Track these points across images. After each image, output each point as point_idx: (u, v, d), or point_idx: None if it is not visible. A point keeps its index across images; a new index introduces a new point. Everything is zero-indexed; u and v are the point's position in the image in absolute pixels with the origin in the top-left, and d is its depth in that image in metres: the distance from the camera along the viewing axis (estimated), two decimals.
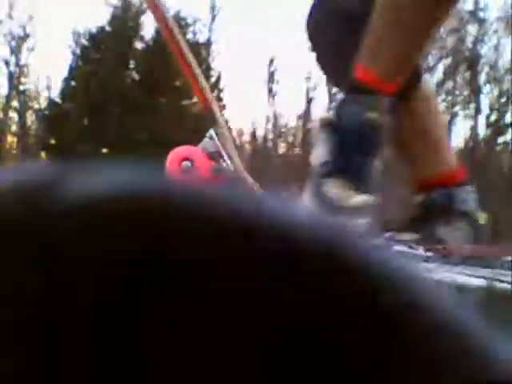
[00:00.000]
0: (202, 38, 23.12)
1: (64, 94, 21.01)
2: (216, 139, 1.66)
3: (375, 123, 1.33)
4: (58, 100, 21.38)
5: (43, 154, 23.46)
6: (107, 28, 21.13)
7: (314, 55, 1.56)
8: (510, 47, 25.55)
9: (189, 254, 0.13)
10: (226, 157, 1.63)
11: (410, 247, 2.05)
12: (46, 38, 32.58)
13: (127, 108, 19.90)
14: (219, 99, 22.19)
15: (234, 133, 30.21)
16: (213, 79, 22.08)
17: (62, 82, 21.47)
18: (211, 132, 1.67)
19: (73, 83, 20.87)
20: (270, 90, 30.98)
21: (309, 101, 31.51)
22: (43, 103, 26.31)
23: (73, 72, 20.98)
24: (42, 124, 22.73)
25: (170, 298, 0.13)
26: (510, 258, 0.89)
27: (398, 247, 2.06)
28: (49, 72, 29.04)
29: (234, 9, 37.06)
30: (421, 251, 1.89)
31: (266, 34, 33.40)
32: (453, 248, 1.46)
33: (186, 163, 1.64)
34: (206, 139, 1.76)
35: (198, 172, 1.67)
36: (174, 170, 1.66)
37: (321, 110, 31.44)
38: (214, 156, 1.71)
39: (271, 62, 30.56)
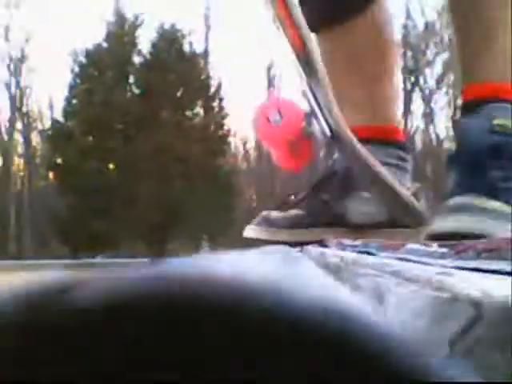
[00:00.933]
0: (199, 49, 23.26)
1: (66, 112, 21.12)
2: (311, 96, 1.37)
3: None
4: (60, 119, 21.50)
5: (51, 174, 23.58)
6: (104, 44, 21.25)
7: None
8: None
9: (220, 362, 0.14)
10: (321, 116, 1.38)
11: (425, 244, 2.05)
12: (44, 58, 32.80)
13: (130, 123, 19.97)
14: (221, 108, 22.26)
15: (238, 141, 30.32)
16: (213, 88, 22.18)
17: (63, 101, 21.61)
18: (306, 88, 1.39)
19: (74, 101, 20.98)
20: (271, 96, 31.10)
21: (309, 104, 31.54)
22: (46, 123, 26.46)
23: (73, 90, 21.10)
24: (47, 144, 22.85)
25: None
26: None
27: (411, 245, 2.05)
28: (50, 92, 29.21)
29: (229, 17, 37.18)
30: (435, 248, 1.88)
31: (263, 41, 33.44)
32: (468, 243, 1.44)
33: (275, 116, 1.37)
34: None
35: (286, 129, 1.45)
36: (261, 121, 1.41)
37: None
38: (308, 117, 1.44)
39: (270, 67, 30.69)
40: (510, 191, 1.14)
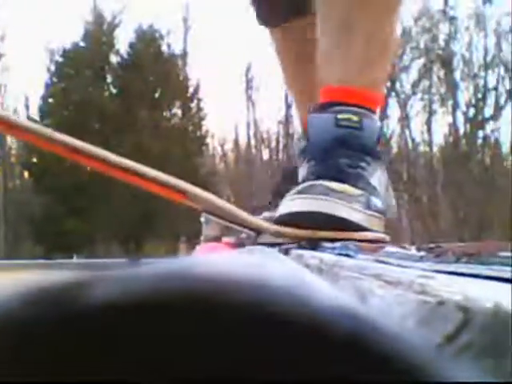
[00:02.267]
0: (177, 49, 23.19)
1: (42, 111, 20.88)
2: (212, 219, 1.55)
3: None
4: (36, 118, 21.25)
5: (26, 174, 23.29)
6: (81, 43, 21.07)
7: None
8: (482, 43, 25.81)
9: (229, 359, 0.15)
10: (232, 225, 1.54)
11: (403, 247, 2.08)
12: (20, 56, 32.37)
13: (107, 123, 19.82)
14: (199, 109, 22.21)
15: (216, 142, 30.26)
16: (191, 89, 22.12)
17: (39, 100, 21.36)
18: (203, 218, 1.55)
19: (50, 100, 20.76)
20: (249, 97, 31.11)
21: (288, 105, 31.67)
22: None
23: (49, 89, 20.87)
24: (23, 143, 22.54)
25: None
26: (504, 254, 0.88)
27: (389, 248, 2.07)
28: (26, 91, 28.83)
29: (208, 18, 37.12)
30: (413, 251, 1.91)
31: (241, 42, 33.48)
32: (446, 247, 1.47)
33: None
34: (204, 226, 1.67)
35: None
36: None
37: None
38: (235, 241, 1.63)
39: (248, 69, 30.70)
40: (357, 176, 1.23)
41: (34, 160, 20.54)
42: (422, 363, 0.15)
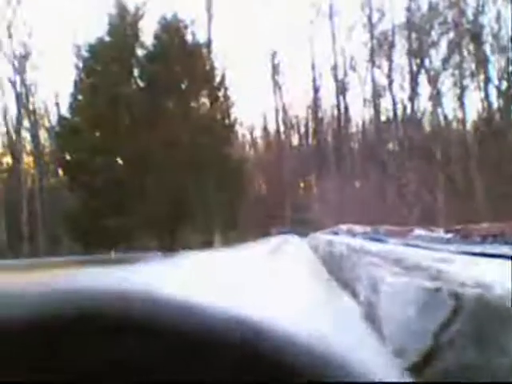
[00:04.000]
0: (202, 39, 23.14)
1: (72, 108, 21.10)
2: None
3: None
4: (67, 115, 21.50)
5: (60, 171, 23.62)
6: (106, 38, 21.17)
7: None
8: (511, 15, 25.06)
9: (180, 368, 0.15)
10: None
11: (431, 230, 2.03)
12: (48, 54, 32.79)
13: (136, 116, 19.94)
14: (226, 97, 22.17)
15: (246, 130, 30.20)
16: (218, 78, 22.07)
17: (69, 97, 21.57)
18: None
19: (80, 97, 20.96)
20: (276, 83, 30.94)
21: (316, 90, 31.42)
22: (53, 120, 26.47)
23: (78, 86, 21.06)
24: (55, 141, 22.88)
25: None
26: None
27: (419, 232, 2.03)
28: (56, 88, 29.18)
29: (231, 5, 36.93)
30: (441, 233, 1.87)
31: (266, 27, 33.25)
32: (472, 227, 1.43)
33: None
34: None
35: None
36: None
37: (329, 97, 31.35)
38: None
39: (274, 54, 30.50)
40: None
41: (67, 157, 20.80)
42: (309, 365, 0.16)
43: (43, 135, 27.90)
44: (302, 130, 30.64)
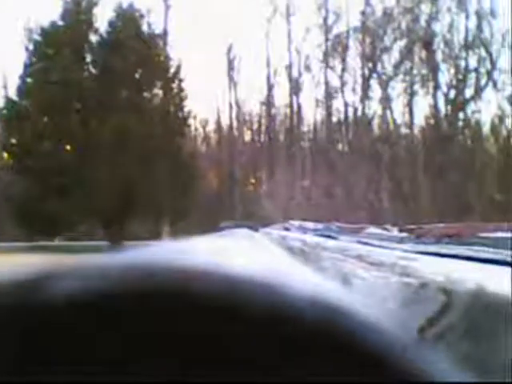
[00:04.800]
0: (157, 29, 22.90)
1: (21, 91, 20.54)
2: None
3: None
4: (15, 98, 20.91)
5: (5, 155, 22.96)
6: (59, 22, 20.70)
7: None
8: (463, 24, 25.85)
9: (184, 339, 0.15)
10: None
11: (384, 228, 2.11)
12: None
13: (87, 103, 19.58)
14: (181, 89, 22.02)
15: (198, 123, 30.07)
16: (172, 69, 21.90)
17: (17, 80, 21.00)
18: None
19: (29, 80, 20.42)
20: (231, 78, 30.93)
21: (271, 87, 31.57)
22: (0, 102, 25.66)
23: (28, 69, 20.52)
24: (1, 124, 22.21)
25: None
26: (484, 235, 0.90)
27: (372, 230, 2.11)
28: (4, 70, 28.30)
29: None
30: (395, 232, 1.95)
31: (223, 22, 33.18)
32: (427, 228, 1.50)
33: None
34: None
35: None
36: None
37: (283, 95, 31.56)
38: None
39: (230, 49, 30.47)
40: None
41: (13, 141, 20.25)
42: (394, 353, 0.15)
43: None
44: (255, 126, 30.77)
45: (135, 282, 0.14)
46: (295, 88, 28.89)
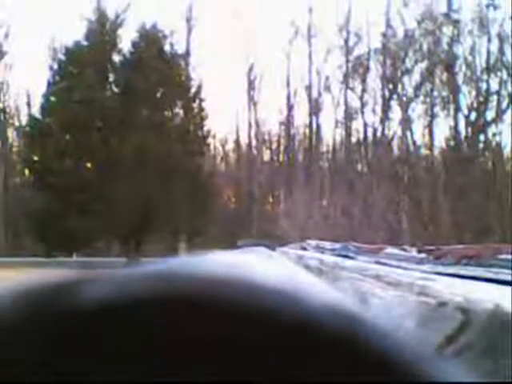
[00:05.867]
0: (180, 49, 23.18)
1: (44, 109, 20.86)
2: None
3: None
4: (38, 116, 21.23)
5: (27, 172, 23.27)
6: (84, 42, 21.06)
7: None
8: (485, 47, 25.80)
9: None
10: None
11: (403, 249, 2.09)
12: (23, 54, 32.39)
13: (109, 122, 19.82)
14: (201, 109, 22.19)
15: (218, 143, 30.23)
16: (193, 89, 22.10)
17: (41, 98, 21.33)
18: None
19: (52, 99, 20.74)
20: (251, 98, 31.12)
21: (290, 107, 31.68)
22: (23, 120, 26.08)
23: (51, 88, 20.85)
24: (24, 141, 22.55)
25: None
26: (503, 257, 0.89)
27: (391, 250, 2.09)
28: (28, 89, 28.82)
29: (211, 18, 37.12)
30: (414, 253, 1.93)
31: (244, 43, 33.50)
32: (446, 249, 1.48)
33: None
34: None
35: None
36: None
37: (302, 115, 31.65)
38: None
39: (250, 69, 30.70)
40: None
41: (35, 158, 20.52)
42: (414, 363, 0.15)
43: (11, 135, 27.49)
44: (274, 146, 30.84)
45: (164, 288, 0.15)
46: (315, 108, 28.96)
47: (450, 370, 0.16)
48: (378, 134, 27.59)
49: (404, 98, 26.72)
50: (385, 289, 0.54)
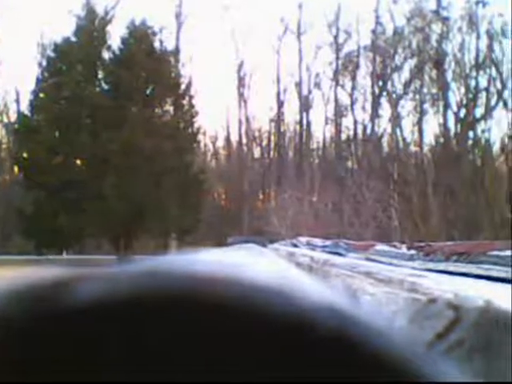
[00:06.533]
0: (169, 46, 23.10)
1: (33, 106, 20.74)
2: None
3: None
4: (27, 113, 21.11)
5: (16, 169, 23.12)
6: (73, 39, 20.93)
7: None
8: (474, 44, 25.93)
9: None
10: None
11: (393, 246, 2.10)
12: (11, 51, 32.14)
13: (98, 118, 19.73)
14: (191, 106, 22.14)
15: (208, 139, 30.17)
16: (183, 86, 22.04)
17: (30, 95, 21.19)
18: None
19: (41, 95, 20.62)
20: (241, 95, 31.08)
21: (280, 104, 31.67)
22: (13, 117, 25.91)
23: (40, 84, 20.73)
24: (13, 138, 22.41)
25: None
26: (493, 253, 0.89)
27: (381, 247, 2.11)
28: (17, 85, 28.60)
29: (200, 15, 37.01)
30: (404, 250, 1.93)
31: (234, 39, 33.44)
32: (436, 245, 1.48)
33: None
34: None
35: None
36: None
37: (292, 112, 31.66)
38: None
39: (240, 66, 30.65)
40: None
41: (25, 155, 20.40)
42: (407, 361, 0.15)
43: (0, 131, 27.31)
44: (264, 142, 30.85)
45: (155, 287, 0.15)
46: (305, 105, 28.99)
47: (442, 369, 0.16)
48: (368, 130, 27.68)
49: (393, 95, 26.81)
50: (375, 285, 0.54)
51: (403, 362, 0.16)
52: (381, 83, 27.03)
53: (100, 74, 21.15)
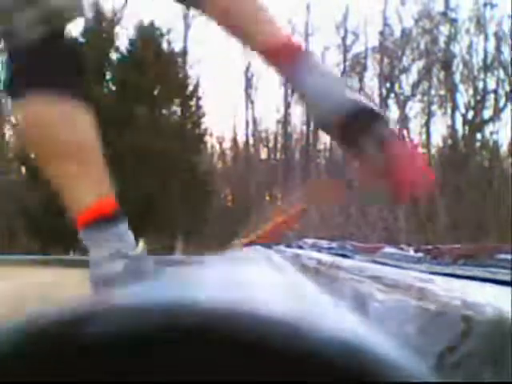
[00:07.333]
0: (177, 47, 23.16)
1: None
2: None
3: None
4: None
5: (23, 169, 23.20)
6: (81, 39, 21.01)
7: None
8: (482, 46, 25.80)
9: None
10: None
11: (400, 248, 2.08)
12: None
13: (106, 119, 19.75)
14: (198, 107, 22.17)
15: (215, 140, 30.18)
16: (190, 87, 22.08)
17: None
18: None
19: None
20: (248, 96, 31.09)
21: (287, 105, 31.64)
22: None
23: None
24: (21, 138, 22.44)
25: None
26: (501, 256, 0.88)
27: (388, 249, 2.09)
28: None
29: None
30: (411, 252, 1.92)
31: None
32: (444, 248, 1.47)
33: None
34: None
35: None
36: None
37: (299, 114, 31.63)
38: None
39: (248, 67, 30.67)
40: None
41: (32, 156, 20.45)
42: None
43: (8, 132, 27.44)
44: (271, 144, 30.86)
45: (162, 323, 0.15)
46: None
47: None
48: None
49: (401, 97, 26.74)
50: (382, 291, 0.53)
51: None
52: (388, 85, 26.96)
53: (108, 75, 21.22)
